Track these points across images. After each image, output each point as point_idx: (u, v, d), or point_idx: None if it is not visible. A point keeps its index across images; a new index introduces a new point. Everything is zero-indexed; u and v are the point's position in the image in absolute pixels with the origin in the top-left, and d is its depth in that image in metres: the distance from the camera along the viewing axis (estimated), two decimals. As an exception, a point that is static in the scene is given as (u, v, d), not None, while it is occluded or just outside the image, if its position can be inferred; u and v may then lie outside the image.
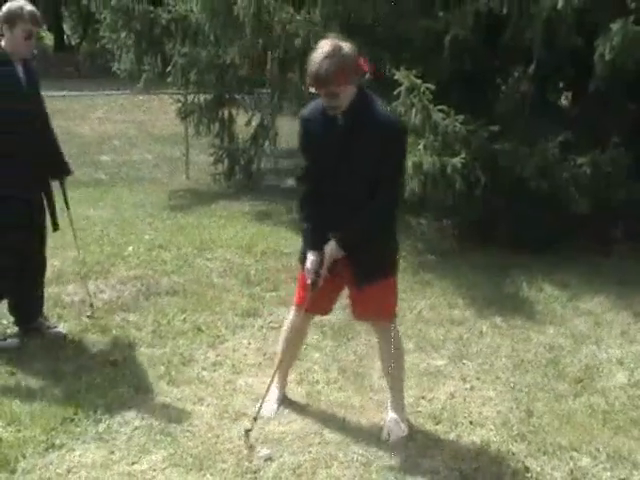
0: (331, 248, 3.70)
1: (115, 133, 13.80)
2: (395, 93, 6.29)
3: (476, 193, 6.59)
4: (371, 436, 3.94)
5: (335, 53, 3.41)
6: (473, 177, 6.46)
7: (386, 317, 3.94)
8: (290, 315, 4.11)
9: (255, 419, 3.86)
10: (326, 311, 4.13)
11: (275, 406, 4.15)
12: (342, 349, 4.96)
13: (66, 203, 5.13)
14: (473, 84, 7.25)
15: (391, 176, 3.64)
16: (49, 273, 5.32)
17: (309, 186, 3.81)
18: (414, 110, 6.22)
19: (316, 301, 3.86)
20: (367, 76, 3.60)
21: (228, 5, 7.83)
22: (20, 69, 4.60)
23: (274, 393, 4.19)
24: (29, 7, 4.55)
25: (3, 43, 4.54)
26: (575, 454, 3.79)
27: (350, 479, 3.57)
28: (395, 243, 3.89)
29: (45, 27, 32.31)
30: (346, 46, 3.46)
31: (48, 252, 5.05)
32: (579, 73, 7.53)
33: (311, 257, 3.77)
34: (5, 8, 4.53)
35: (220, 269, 6.48)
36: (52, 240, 5.11)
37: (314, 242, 3.79)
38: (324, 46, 3.45)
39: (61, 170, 5.05)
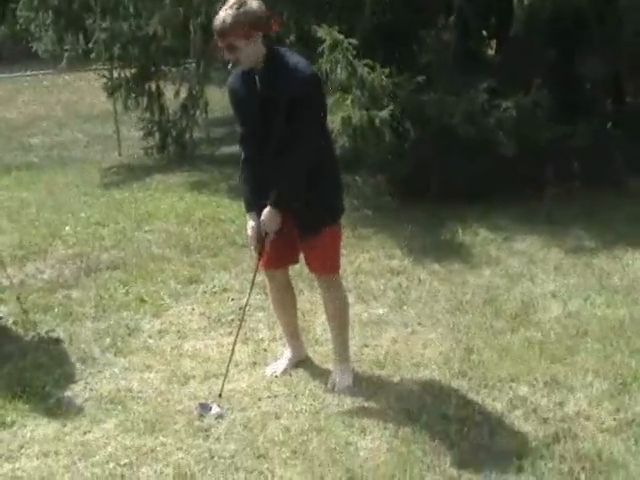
0: (267, 217, 3.72)
1: (43, 115, 13.54)
2: (319, 51, 6.32)
3: (406, 146, 6.69)
4: (318, 387, 4.03)
5: (236, 6, 3.46)
6: (402, 129, 6.55)
7: (331, 269, 4.00)
8: (266, 281, 4.21)
9: (220, 395, 3.90)
10: (294, 260, 4.12)
11: (283, 365, 4.21)
12: (285, 307, 5.03)
13: None
14: (397, 37, 7.31)
15: (303, 125, 3.62)
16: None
17: (245, 149, 3.88)
18: (339, 66, 6.27)
19: (281, 255, 3.94)
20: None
21: (145, -25, 7.74)
22: None
23: (286, 354, 4.28)
24: None
25: None
26: (514, 385, 3.94)
27: (300, 428, 3.66)
28: (336, 190, 3.93)
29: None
30: (253, 2, 3.51)
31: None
32: (501, 21, 7.65)
33: (250, 223, 3.83)
34: None
35: (159, 240, 6.48)
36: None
37: (250, 204, 3.87)
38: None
39: None
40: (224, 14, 3.48)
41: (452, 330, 4.61)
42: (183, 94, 9.74)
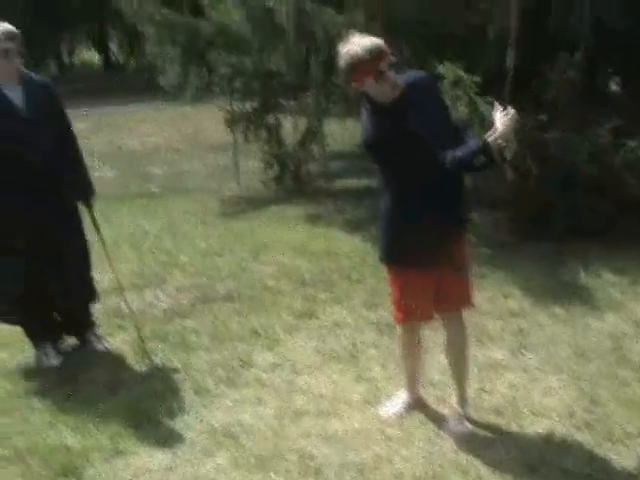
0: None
1: (164, 145, 13.94)
2: (439, 87, 6.27)
3: (528, 184, 6.52)
4: (433, 431, 3.92)
5: (352, 50, 3.42)
6: (524, 167, 6.39)
7: (470, 299, 3.89)
8: (399, 332, 4.09)
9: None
10: (432, 315, 3.95)
11: (397, 407, 4.13)
12: (399, 346, 4.94)
13: (94, 224, 5.02)
14: (520, 75, 7.17)
15: None
16: (106, 285, 5.46)
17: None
18: (461, 103, 6.19)
19: (422, 308, 3.83)
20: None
21: (269, 14, 7.89)
22: (14, 93, 4.48)
23: (402, 395, 4.19)
24: (2, 26, 4.44)
25: None
26: (642, 440, 3.73)
27: (413, 473, 3.56)
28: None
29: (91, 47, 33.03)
30: (366, 41, 3.44)
31: (103, 265, 5.20)
32: (627, 56, 7.40)
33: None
34: None
35: (274, 272, 6.50)
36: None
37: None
38: (346, 43, 3.47)
39: (84, 192, 4.94)
40: (342, 59, 3.46)
41: (574, 378, 4.40)
42: (301, 127, 9.85)
